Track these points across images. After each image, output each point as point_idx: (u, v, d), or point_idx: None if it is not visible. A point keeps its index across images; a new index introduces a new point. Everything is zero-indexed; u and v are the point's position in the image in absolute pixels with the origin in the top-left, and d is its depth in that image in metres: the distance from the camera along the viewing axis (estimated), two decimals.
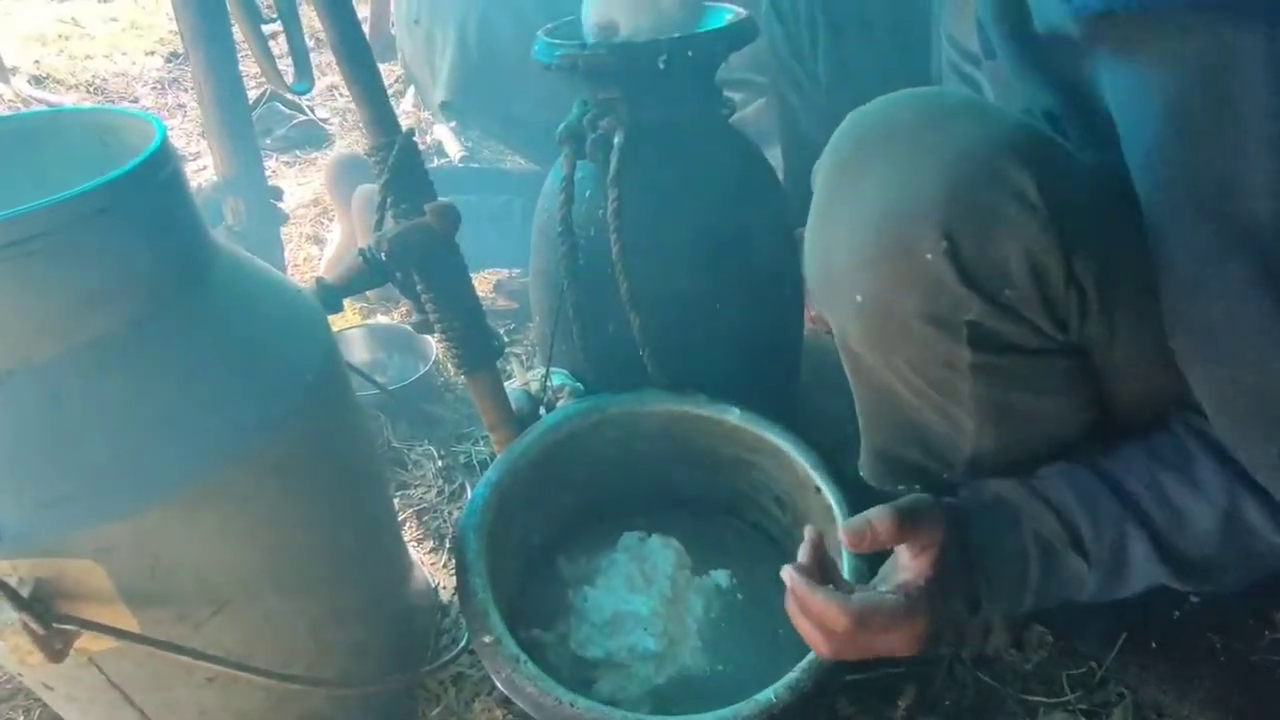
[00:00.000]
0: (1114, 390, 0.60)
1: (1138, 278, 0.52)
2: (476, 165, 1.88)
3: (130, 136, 0.63)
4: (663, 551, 0.87)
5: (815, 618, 0.56)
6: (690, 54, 0.79)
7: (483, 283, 1.51)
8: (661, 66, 0.78)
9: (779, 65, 1.08)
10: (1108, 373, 0.59)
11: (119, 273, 0.54)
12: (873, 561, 0.67)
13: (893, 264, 0.53)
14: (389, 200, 0.78)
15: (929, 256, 0.52)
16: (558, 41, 0.81)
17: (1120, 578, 0.59)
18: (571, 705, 0.61)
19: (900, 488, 0.69)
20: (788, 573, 0.58)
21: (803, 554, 0.60)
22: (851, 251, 0.56)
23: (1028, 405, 0.59)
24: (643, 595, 0.82)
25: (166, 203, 0.57)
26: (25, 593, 0.50)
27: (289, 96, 2.24)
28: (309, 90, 1.09)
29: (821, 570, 0.60)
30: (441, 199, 0.78)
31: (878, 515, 0.56)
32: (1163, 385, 0.56)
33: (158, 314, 0.56)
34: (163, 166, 0.56)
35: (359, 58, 0.74)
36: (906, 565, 0.58)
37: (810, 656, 0.63)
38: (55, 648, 0.52)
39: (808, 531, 0.61)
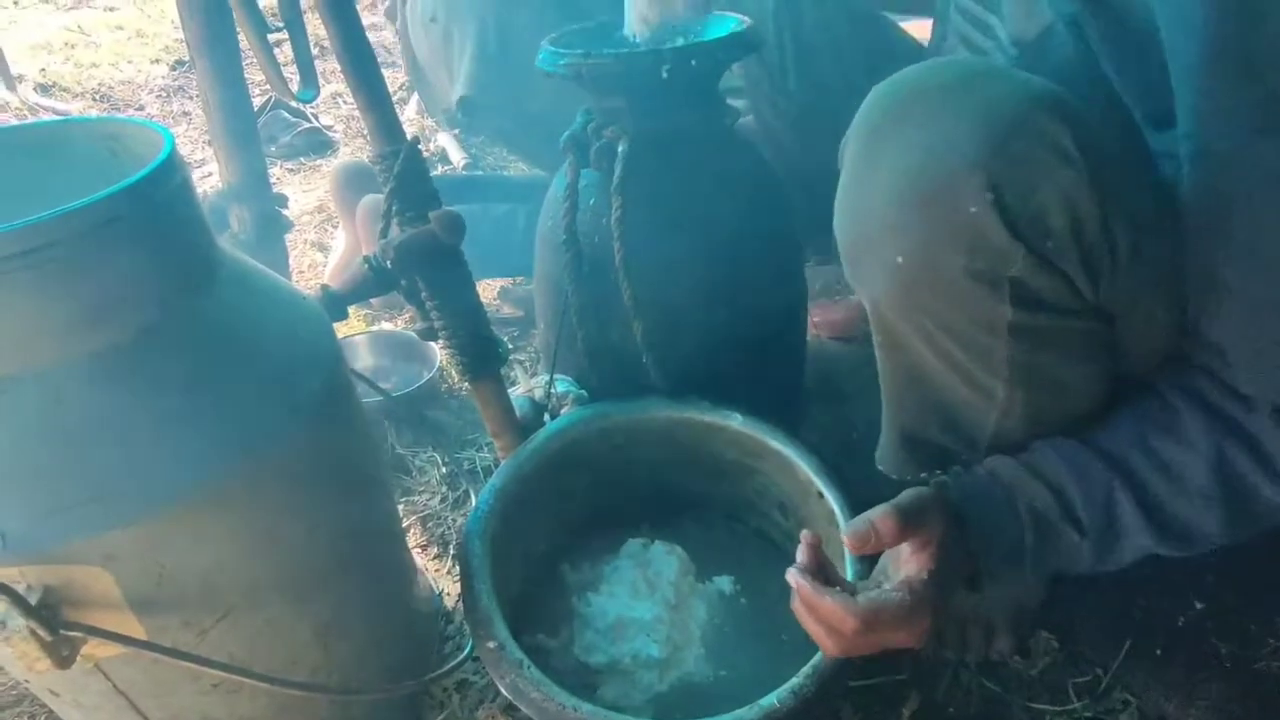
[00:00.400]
0: (1123, 358, 0.62)
1: (1163, 234, 0.54)
2: (480, 173, 1.89)
3: (138, 146, 0.63)
4: (666, 558, 0.87)
5: (823, 619, 0.57)
6: (694, 63, 0.79)
7: (487, 290, 1.51)
8: (665, 75, 0.78)
9: (752, 84, 1.11)
10: (1123, 339, 0.61)
11: (127, 282, 0.54)
12: (872, 561, 0.67)
13: (937, 219, 0.54)
14: (394, 208, 0.78)
15: (974, 209, 0.52)
16: (562, 50, 0.82)
17: (1113, 545, 0.60)
18: (575, 710, 0.61)
19: (922, 475, 0.69)
20: (793, 575, 0.59)
21: (801, 555, 0.61)
22: (891, 211, 0.56)
23: (1057, 372, 0.60)
24: (646, 601, 0.82)
25: (175, 212, 0.57)
26: (33, 600, 0.51)
27: (294, 104, 2.25)
28: (315, 98, 1.10)
29: (821, 572, 0.60)
30: (446, 207, 0.79)
31: (880, 516, 0.57)
32: (1168, 352, 0.59)
33: (165, 322, 0.56)
34: (171, 176, 0.56)
35: (364, 65, 0.74)
36: (908, 560, 0.59)
37: (814, 661, 0.63)
38: (62, 654, 0.53)
39: (805, 535, 0.61)
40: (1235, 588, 0.89)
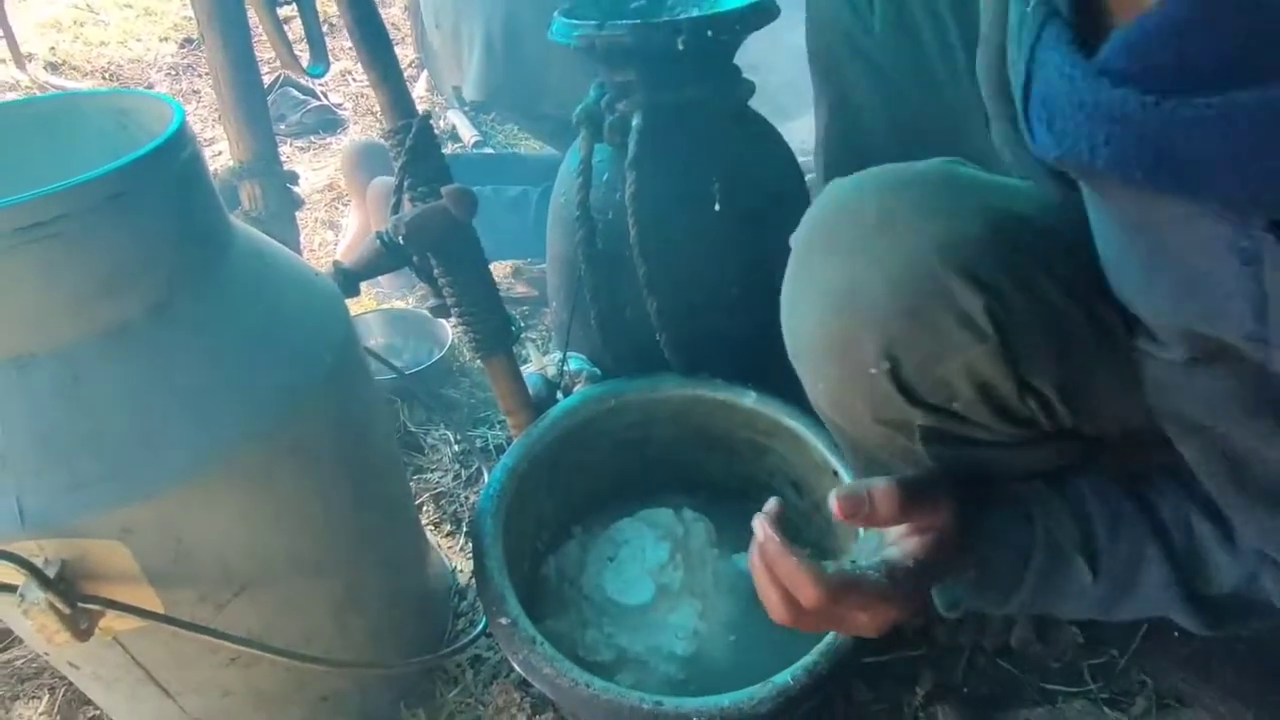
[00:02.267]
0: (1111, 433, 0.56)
1: (1116, 378, 0.49)
2: (491, 151, 1.88)
3: (148, 119, 0.62)
4: (693, 526, 0.87)
5: (783, 579, 0.51)
6: (709, 34, 0.77)
7: (501, 270, 1.50)
8: (680, 47, 0.77)
9: (833, 30, 1.00)
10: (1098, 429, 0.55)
11: (139, 255, 0.54)
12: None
13: (846, 368, 0.53)
14: (406, 183, 0.77)
15: (873, 371, 0.51)
16: (576, 21, 0.80)
17: (1127, 597, 0.53)
18: (588, 686, 0.61)
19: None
20: (761, 522, 0.52)
21: (770, 506, 0.54)
22: (811, 343, 0.55)
23: (1001, 465, 0.56)
24: (659, 576, 0.82)
25: (185, 185, 0.57)
26: (51, 573, 0.51)
27: (304, 81, 2.24)
28: (325, 73, 1.09)
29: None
30: (457, 184, 0.78)
31: (881, 488, 0.50)
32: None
33: (178, 296, 0.56)
34: (182, 149, 0.56)
35: (376, 40, 0.73)
36: (897, 541, 0.53)
37: (827, 639, 0.63)
38: (81, 627, 0.53)
39: (772, 501, 0.55)
40: None
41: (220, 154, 1.99)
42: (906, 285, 0.48)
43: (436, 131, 0.79)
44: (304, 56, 1.11)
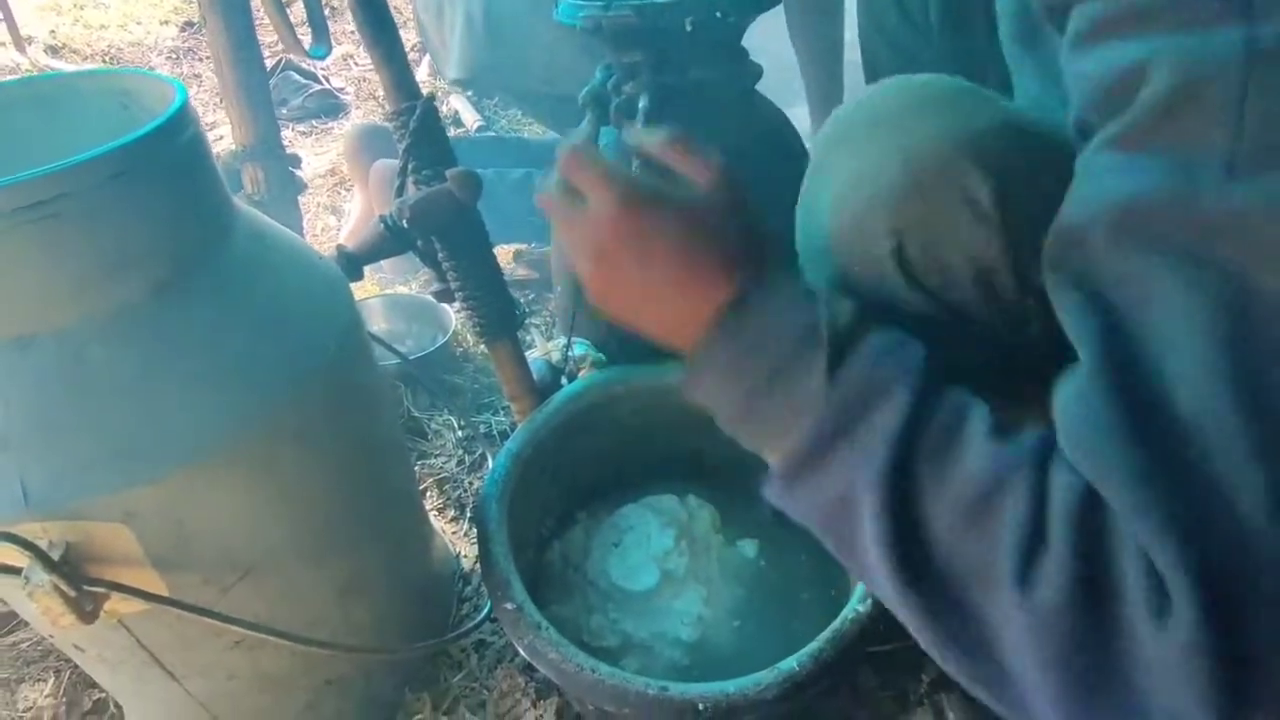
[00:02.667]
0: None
1: None
2: (494, 134, 1.87)
3: (150, 100, 0.62)
4: (698, 511, 0.87)
5: (587, 185, 0.46)
6: (717, 15, 0.76)
7: (503, 254, 1.50)
8: (688, 29, 0.76)
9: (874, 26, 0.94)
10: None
11: (141, 236, 0.53)
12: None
13: (852, 250, 0.53)
14: (410, 166, 0.76)
15: (877, 251, 0.51)
16: (582, 2, 0.79)
17: (836, 454, 0.40)
18: (593, 671, 0.61)
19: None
20: (567, 144, 0.48)
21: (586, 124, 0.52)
22: (821, 233, 0.56)
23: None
24: (664, 560, 0.82)
25: (188, 166, 0.56)
26: (55, 556, 0.51)
27: (305, 64, 2.22)
28: (327, 55, 1.08)
29: None
30: (461, 167, 0.77)
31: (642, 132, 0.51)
32: None
33: (181, 278, 0.56)
34: (183, 128, 0.55)
35: (379, 21, 0.72)
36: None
37: (833, 626, 0.63)
38: (85, 609, 0.53)
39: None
40: None
41: (222, 138, 1.97)
42: (918, 165, 0.49)
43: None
44: (306, 39, 1.10)
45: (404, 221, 0.75)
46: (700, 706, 0.58)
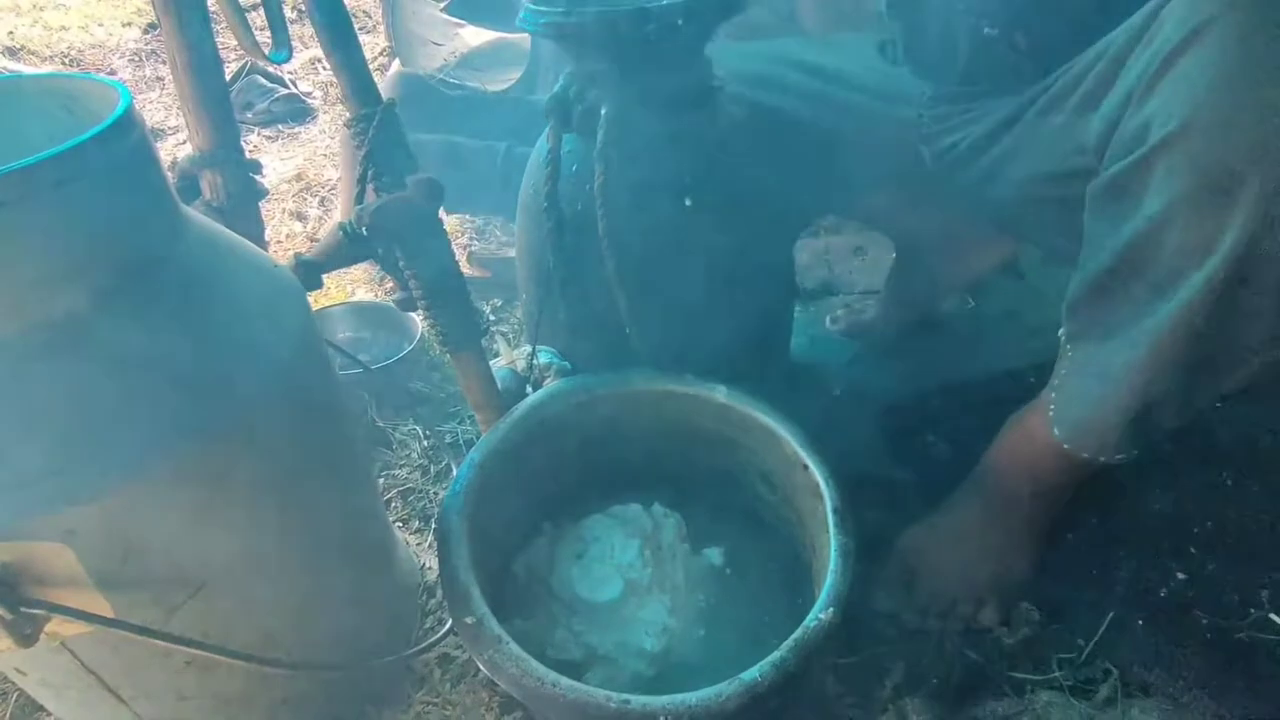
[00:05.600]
0: None
1: None
2: (462, 92, 1.80)
3: (95, 104, 0.60)
4: (664, 520, 0.86)
5: None
6: (680, 23, 0.76)
7: (454, 233, 1.48)
8: (650, 36, 0.75)
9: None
10: None
11: (84, 244, 0.52)
12: (858, 540, 0.67)
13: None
14: (370, 173, 0.75)
15: None
16: (543, 9, 0.79)
17: None
18: (554, 685, 0.60)
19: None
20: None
21: None
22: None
23: None
24: (628, 570, 0.81)
25: (132, 173, 0.55)
26: None
27: (268, 67, 2.19)
28: (287, 59, 1.06)
29: None
30: (423, 174, 0.76)
31: None
32: None
33: (126, 287, 0.54)
34: (127, 134, 0.53)
35: (339, 27, 0.71)
36: None
37: (795, 635, 0.63)
38: (24, 633, 0.51)
39: None
40: (1218, 558, 0.89)
41: (184, 143, 1.94)
42: None
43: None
44: (268, 46, 1.08)
45: (363, 229, 0.74)
46: (662, 718, 0.58)
